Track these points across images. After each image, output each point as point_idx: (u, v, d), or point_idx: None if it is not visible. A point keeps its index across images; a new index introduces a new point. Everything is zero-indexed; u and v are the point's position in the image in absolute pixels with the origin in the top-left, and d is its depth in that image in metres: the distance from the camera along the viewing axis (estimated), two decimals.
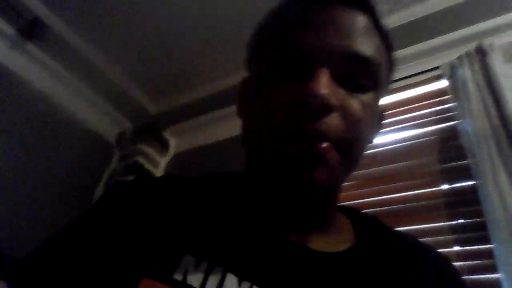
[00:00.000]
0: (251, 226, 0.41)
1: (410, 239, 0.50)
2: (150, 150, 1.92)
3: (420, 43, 1.43)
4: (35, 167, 1.70)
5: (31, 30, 1.61)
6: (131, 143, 1.96)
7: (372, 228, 0.48)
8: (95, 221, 0.43)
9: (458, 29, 1.38)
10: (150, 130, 1.97)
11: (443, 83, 1.31)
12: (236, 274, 0.36)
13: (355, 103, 0.39)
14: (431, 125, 1.26)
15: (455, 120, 1.20)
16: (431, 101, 1.30)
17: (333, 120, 0.37)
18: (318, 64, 0.38)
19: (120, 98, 1.96)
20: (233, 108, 2.02)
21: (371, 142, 0.47)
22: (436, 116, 1.27)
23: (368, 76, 0.41)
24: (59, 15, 1.73)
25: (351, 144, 0.39)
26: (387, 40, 0.46)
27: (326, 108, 0.36)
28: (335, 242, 0.43)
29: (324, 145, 0.37)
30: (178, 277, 0.35)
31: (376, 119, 0.47)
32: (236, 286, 0.35)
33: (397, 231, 0.51)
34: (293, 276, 0.37)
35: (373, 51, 0.41)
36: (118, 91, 1.94)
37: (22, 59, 1.73)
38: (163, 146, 1.95)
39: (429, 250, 0.49)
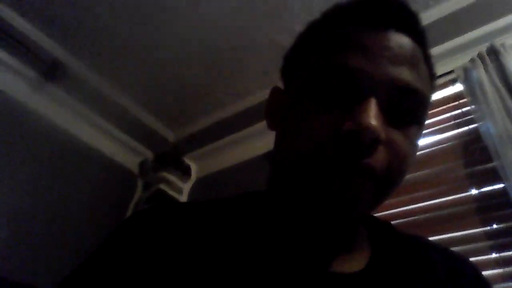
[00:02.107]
0: (272, 258, 0.39)
1: (425, 242, 0.49)
2: (172, 177, 1.95)
3: (433, 48, 1.44)
4: (60, 204, 1.74)
5: (52, 72, 1.69)
6: (153, 172, 2.00)
7: (387, 237, 0.47)
8: (105, 266, 0.40)
9: (468, 32, 1.38)
10: (170, 158, 2.01)
11: (459, 87, 1.31)
12: None
13: (400, 137, 0.38)
14: (451, 130, 1.26)
15: (475, 123, 1.18)
16: (448, 105, 1.30)
17: (380, 155, 0.36)
18: (368, 93, 0.36)
19: (140, 129, 2.02)
20: (249, 130, 2.01)
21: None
22: (455, 120, 1.26)
23: (415, 110, 0.39)
24: (76, 56, 1.80)
25: (392, 180, 0.38)
26: (433, 72, 0.44)
27: (376, 142, 0.35)
28: (354, 258, 0.42)
29: (370, 181, 0.36)
30: None
31: (416, 153, 0.45)
32: None
33: (411, 236, 0.50)
34: None
35: (424, 84, 0.40)
36: (137, 123, 2.00)
37: (43, 99, 1.80)
38: (185, 172, 1.99)
39: (443, 252, 0.48)
